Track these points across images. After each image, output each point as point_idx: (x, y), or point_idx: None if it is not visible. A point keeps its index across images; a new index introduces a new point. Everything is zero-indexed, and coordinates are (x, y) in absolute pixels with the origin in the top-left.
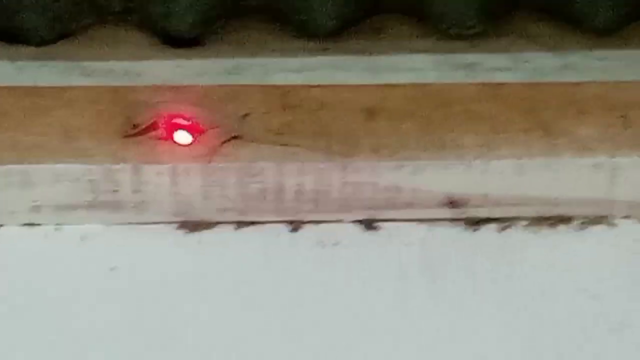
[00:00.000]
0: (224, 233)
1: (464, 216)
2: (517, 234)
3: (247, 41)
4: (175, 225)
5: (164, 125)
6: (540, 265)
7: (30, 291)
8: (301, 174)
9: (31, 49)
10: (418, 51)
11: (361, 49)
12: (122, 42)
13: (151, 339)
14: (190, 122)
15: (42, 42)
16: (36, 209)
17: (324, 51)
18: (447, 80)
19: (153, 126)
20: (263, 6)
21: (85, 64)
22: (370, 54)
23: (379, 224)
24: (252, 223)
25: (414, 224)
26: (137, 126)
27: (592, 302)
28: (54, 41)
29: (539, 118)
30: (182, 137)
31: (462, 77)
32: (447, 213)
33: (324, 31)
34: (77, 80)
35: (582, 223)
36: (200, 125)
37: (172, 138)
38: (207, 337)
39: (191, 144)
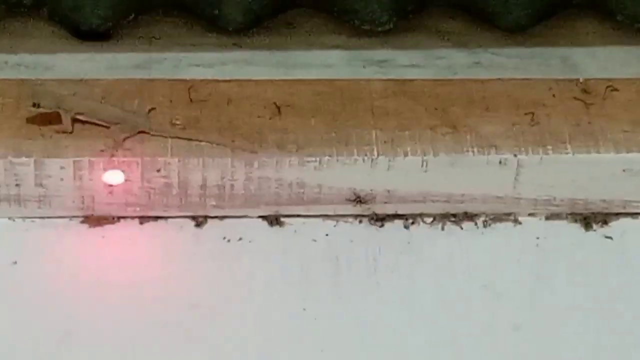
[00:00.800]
0: (128, 228)
1: (369, 212)
2: (423, 231)
3: (158, 36)
4: (79, 219)
5: (68, 119)
6: (445, 262)
7: None
8: (206, 169)
9: None
10: (330, 47)
11: (273, 44)
12: (32, 35)
13: (52, 334)
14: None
15: None
16: None
17: (236, 46)
18: (358, 76)
19: (56, 116)
20: (175, 0)
21: None
22: (282, 49)
23: (284, 219)
24: (157, 218)
25: (319, 219)
26: (38, 106)
27: (495, 300)
28: None
29: (445, 115)
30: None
31: (373, 73)
32: (353, 209)
33: (235, 26)
34: None
35: (487, 220)
36: (104, 121)
37: (72, 132)
38: (109, 333)
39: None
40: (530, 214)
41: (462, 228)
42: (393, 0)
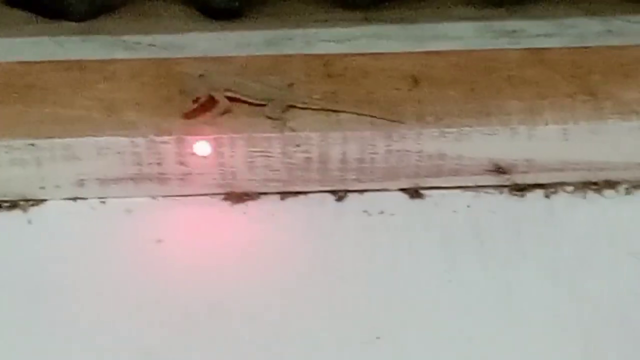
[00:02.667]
0: (270, 203)
1: (509, 182)
2: (564, 199)
3: (288, 12)
4: (221, 197)
5: (224, 98)
6: (588, 231)
7: (77, 265)
8: (346, 143)
9: (72, 25)
10: (460, 19)
11: (402, 17)
12: (163, 15)
13: (198, 310)
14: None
15: (83, 18)
16: (81, 182)
17: (366, 21)
18: (490, 47)
19: (211, 101)
20: None
21: (127, 38)
22: (412, 22)
23: (425, 191)
24: (297, 193)
25: (459, 191)
26: (197, 100)
27: None
28: (95, 16)
29: (584, 82)
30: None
31: (504, 44)
32: (493, 180)
33: (366, 0)
34: (119, 54)
35: (629, 187)
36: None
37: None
38: (255, 307)
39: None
40: None
41: (603, 196)
42: None
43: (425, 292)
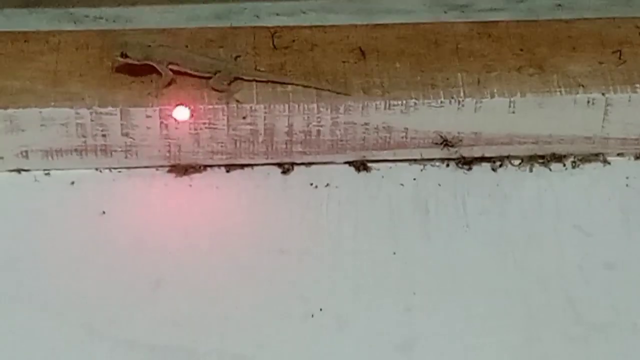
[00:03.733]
0: (215, 176)
1: (456, 155)
2: (510, 173)
3: None
4: (166, 169)
5: (166, 70)
6: (534, 204)
7: (20, 237)
8: (292, 115)
9: None
10: None
11: None
12: None
13: (142, 283)
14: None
15: None
16: (25, 154)
17: None
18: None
19: (144, 67)
20: None
21: (74, 10)
22: None
23: (371, 164)
24: (243, 166)
25: (406, 164)
26: (125, 56)
27: (586, 239)
28: None
29: (531, 55)
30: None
31: (455, 18)
32: (440, 153)
33: None
34: (66, 27)
35: (575, 161)
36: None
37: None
38: (198, 280)
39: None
40: (619, 154)
41: (550, 170)
42: None
43: (370, 264)
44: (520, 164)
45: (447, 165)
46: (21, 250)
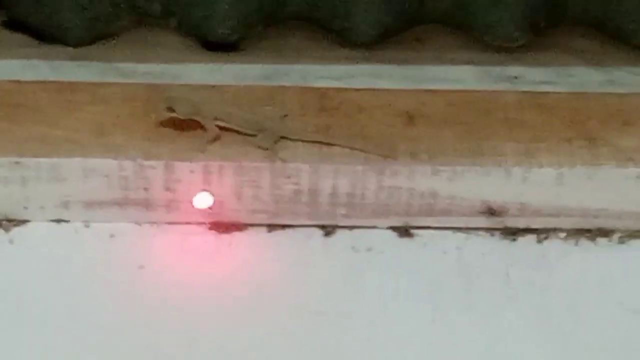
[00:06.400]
0: (256, 235)
1: (501, 225)
2: (556, 246)
3: (286, 47)
4: (207, 226)
5: (213, 126)
6: (579, 278)
7: (57, 288)
8: (337, 176)
9: (68, 49)
10: (460, 62)
11: (402, 58)
12: (160, 45)
13: (177, 339)
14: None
15: (79, 43)
16: (66, 204)
17: (364, 60)
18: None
19: (190, 123)
20: (303, 13)
21: (122, 65)
22: (412, 63)
23: (415, 231)
24: (285, 226)
25: (450, 232)
26: (172, 110)
27: (630, 317)
28: (91, 42)
29: (582, 128)
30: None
31: (504, 89)
32: (485, 222)
33: (364, 40)
34: (112, 80)
35: (622, 236)
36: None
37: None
38: (236, 340)
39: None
40: None
41: (596, 244)
42: (525, 16)
43: (409, 332)
44: (566, 237)
45: (492, 235)
46: (57, 301)
